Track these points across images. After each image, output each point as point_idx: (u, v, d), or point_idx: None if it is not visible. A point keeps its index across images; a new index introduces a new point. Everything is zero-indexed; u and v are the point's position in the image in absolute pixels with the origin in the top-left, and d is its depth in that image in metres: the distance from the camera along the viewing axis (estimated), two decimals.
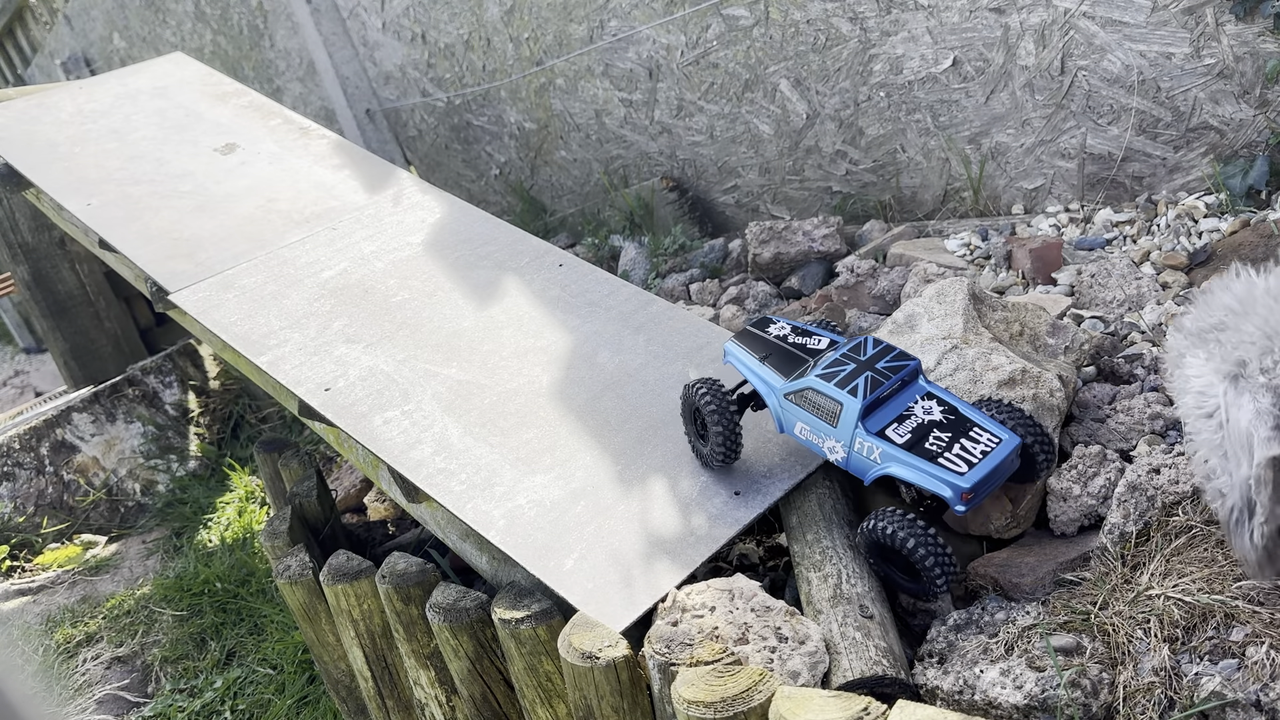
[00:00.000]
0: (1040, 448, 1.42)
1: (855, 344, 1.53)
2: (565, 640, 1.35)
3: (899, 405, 1.45)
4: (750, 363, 1.61)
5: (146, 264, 2.28)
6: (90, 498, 3.55)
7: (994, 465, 1.34)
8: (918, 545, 1.33)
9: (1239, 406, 1.08)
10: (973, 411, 1.43)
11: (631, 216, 3.49)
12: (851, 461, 1.46)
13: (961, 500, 1.33)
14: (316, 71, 4.55)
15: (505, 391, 1.89)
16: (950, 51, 2.52)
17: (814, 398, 1.48)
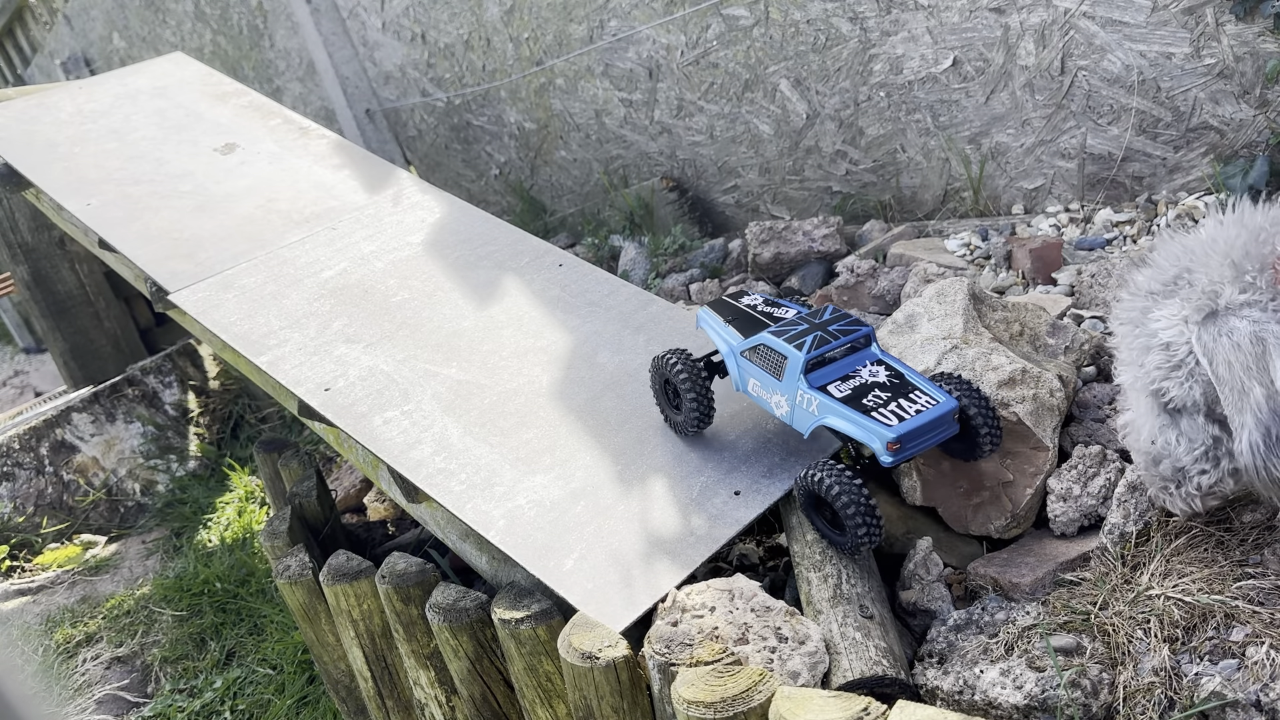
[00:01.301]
0: (984, 420, 1.46)
1: (815, 310, 1.61)
2: (565, 640, 1.35)
3: (846, 367, 1.52)
4: (717, 325, 1.69)
5: (146, 264, 2.28)
6: (90, 498, 3.55)
7: (924, 422, 1.39)
8: (842, 493, 1.39)
9: (1230, 332, 1.11)
10: (918, 378, 1.49)
11: (631, 216, 3.49)
12: (794, 415, 1.54)
13: (888, 450, 1.38)
14: (316, 71, 4.55)
15: (505, 391, 1.89)
16: (950, 51, 2.52)
17: (764, 352, 1.57)
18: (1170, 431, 1.23)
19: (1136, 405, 1.28)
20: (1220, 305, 1.15)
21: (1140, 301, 1.23)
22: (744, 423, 1.77)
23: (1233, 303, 1.14)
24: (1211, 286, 1.15)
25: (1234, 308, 1.13)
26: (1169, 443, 1.24)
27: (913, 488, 1.61)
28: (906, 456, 1.41)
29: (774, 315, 1.67)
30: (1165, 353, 1.19)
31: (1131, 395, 1.28)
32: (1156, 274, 1.22)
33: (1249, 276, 1.13)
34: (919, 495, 1.60)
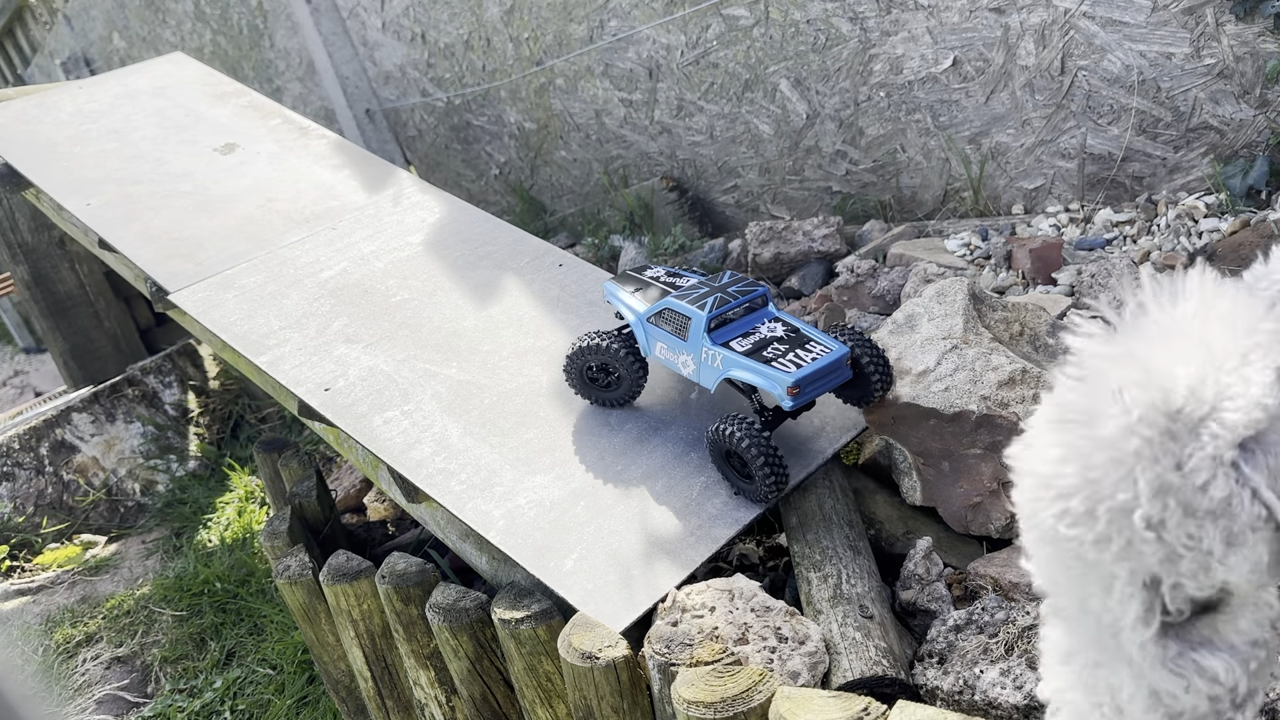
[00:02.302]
0: (875, 366, 1.59)
1: (714, 275, 1.73)
2: (565, 640, 1.35)
3: (746, 325, 1.64)
4: (623, 295, 1.79)
5: (146, 264, 2.28)
6: (90, 498, 3.55)
7: (820, 367, 1.52)
8: (752, 444, 1.50)
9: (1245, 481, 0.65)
10: (813, 331, 1.62)
11: (631, 216, 3.49)
12: (700, 372, 1.65)
13: (788, 394, 1.49)
14: (316, 71, 4.55)
15: (505, 391, 1.89)
16: (950, 51, 2.52)
17: (669, 316, 1.67)
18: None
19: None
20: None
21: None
22: None
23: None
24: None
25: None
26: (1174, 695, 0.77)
27: (913, 488, 1.61)
28: (806, 400, 1.54)
29: (675, 284, 1.77)
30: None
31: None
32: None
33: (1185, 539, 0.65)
34: (919, 495, 1.60)
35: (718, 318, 1.61)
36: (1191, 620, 0.72)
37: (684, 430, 1.76)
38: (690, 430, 1.76)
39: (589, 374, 1.79)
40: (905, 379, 1.63)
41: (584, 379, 1.80)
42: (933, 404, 1.56)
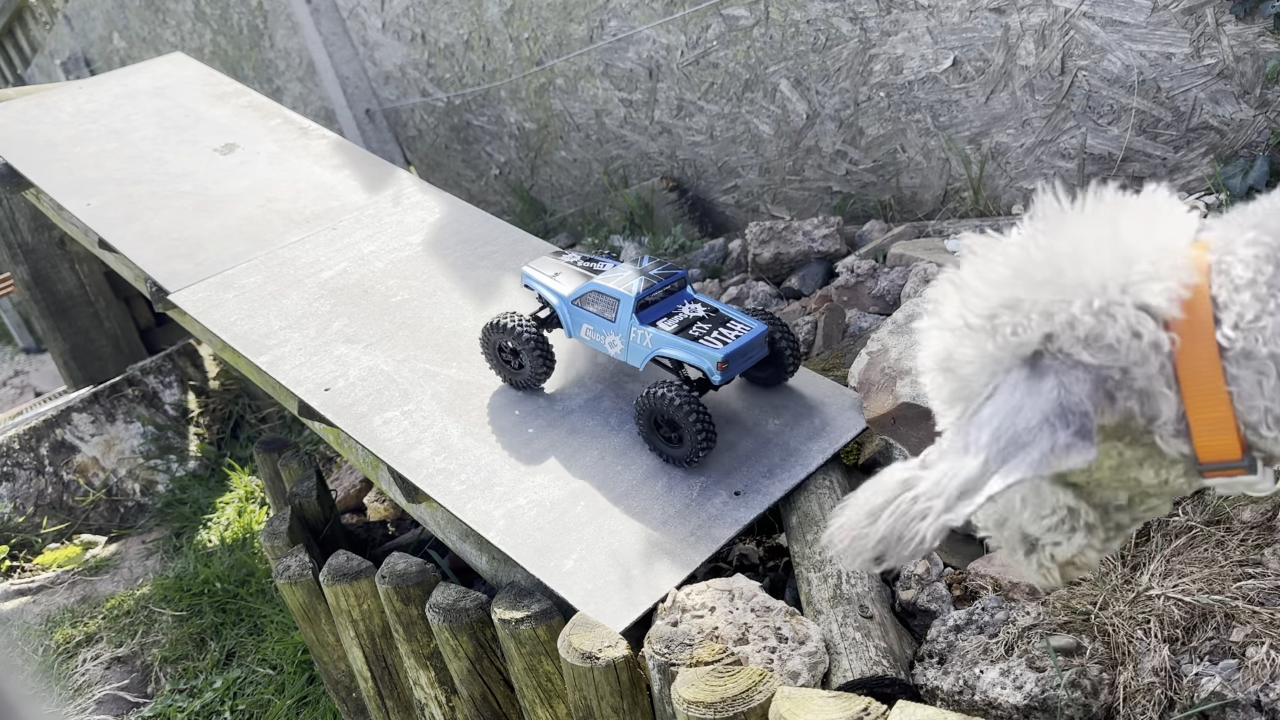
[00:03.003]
0: (787, 344, 1.75)
1: (632, 259, 1.76)
2: (565, 640, 1.35)
3: (669, 306, 1.72)
4: (544, 280, 1.85)
5: (146, 264, 2.27)
6: (90, 498, 3.55)
7: (743, 343, 1.63)
8: (683, 404, 1.59)
9: (1033, 396, 0.82)
10: (731, 311, 1.72)
11: (631, 216, 3.49)
12: (629, 351, 1.72)
13: (717, 369, 1.59)
14: (316, 71, 4.55)
15: (505, 392, 1.89)
16: (950, 51, 2.52)
17: (595, 298, 1.74)
18: (1013, 494, 0.97)
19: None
20: (1051, 349, 0.84)
21: (946, 339, 0.92)
22: (744, 423, 1.77)
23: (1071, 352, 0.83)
24: (1045, 326, 0.84)
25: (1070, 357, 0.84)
26: (1011, 505, 0.99)
27: None
28: (732, 375, 1.64)
29: (594, 268, 1.83)
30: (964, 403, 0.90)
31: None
32: (970, 301, 0.90)
33: (1119, 324, 0.81)
34: None
35: (643, 299, 1.69)
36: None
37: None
38: None
39: (502, 353, 1.86)
40: (905, 379, 1.63)
41: (497, 356, 1.87)
42: None
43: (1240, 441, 0.84)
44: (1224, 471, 0.86)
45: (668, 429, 1.65)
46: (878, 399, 1.66)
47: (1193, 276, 0.82)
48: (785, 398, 1.82)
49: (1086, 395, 0.81)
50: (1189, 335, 0.82)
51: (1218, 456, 0.84)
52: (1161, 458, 0.88)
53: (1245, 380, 0.82)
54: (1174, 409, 0.84)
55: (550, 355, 1.82)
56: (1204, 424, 0.84)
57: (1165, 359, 0.83)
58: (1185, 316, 0.83)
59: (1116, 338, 0.82)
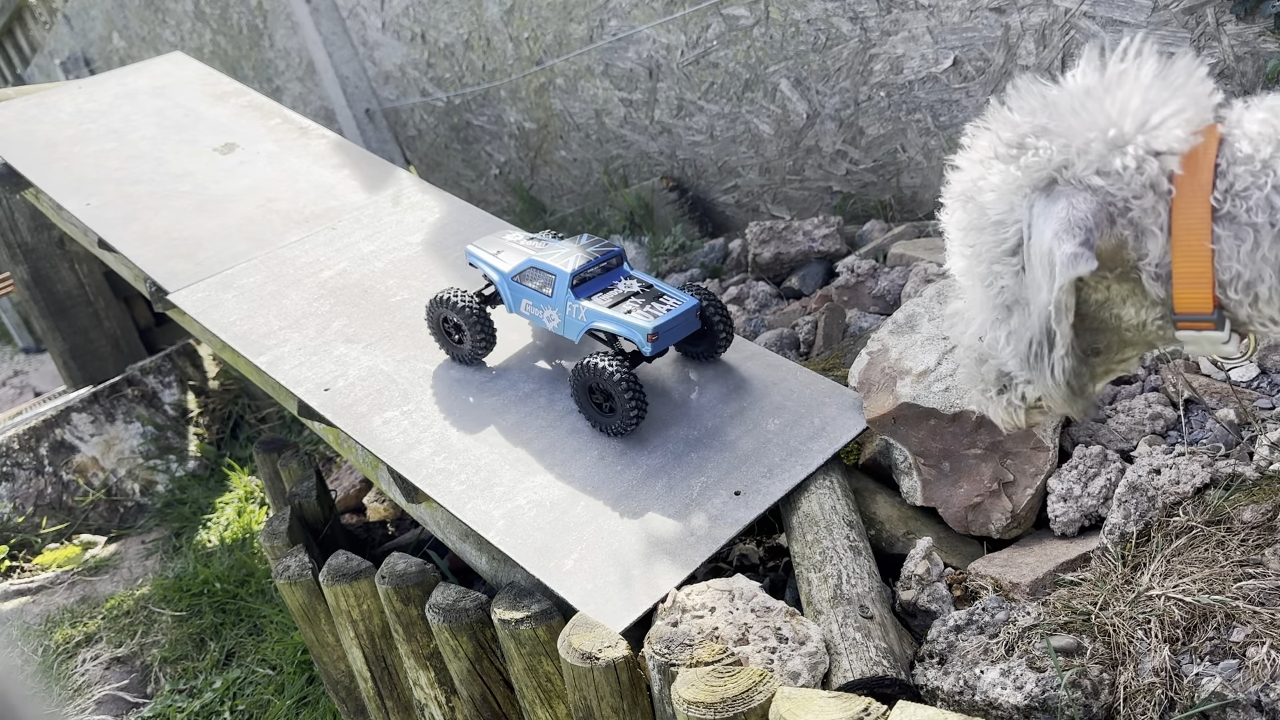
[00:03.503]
0: (719, 318, 1.82)
1: (571, 237, 1.88)
2: (565, 641, 1.35)
3: (604, 282, 1.79)
4: (486, 257, 1.90)
5: (146, 264, 2.27)
6: (89, 498, 3.55)
7: (674, 317, 1.70)
8: (614, 374, 1.65)
9: (1047, 217, 0.94)
10: (665, 287, 1.79)
11: (631, 216, 3.49)
12: (565, 325, 1.79)
13: (648, 341, 1.67)
14: (316, 71, 4.55)
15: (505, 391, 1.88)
16: (951, 51, 2.52)
17: (534, 275, 1.81)
18: (1001, 328, 1.07)
19: (969, 294, 1.12)
20: (1065, 176, 0.96)
21: (974, 170, 1.04)
22: (744, 423, 1.77)
23: (1082, 177, 0.96)
24: (1064, 154, 0.96)
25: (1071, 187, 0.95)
26: (997, 341, 1.07)
27: (913, 488, 1.61)
28: (663, 347, 1.72)
29: (535, 246, 1.89)
30: (996, 233, 1.01)
31: (964, 282, 1.12)
32: (1000, 132, 1.02)
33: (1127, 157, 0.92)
34: (919, 495, 1.60)
35: (579, 275, 1.76)
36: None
37: (684, 430, 1.76)
38: (690, 430, 1.76)
39: (445, 327, 1.92)
40: (905, 379, 1.63)
41: (441, 330, 1.93)
42: (933, 404, 1.56)
43: (1214, 298, 0.95)
44: (1195, 324, 0.98)
45: (601, 398, 1.71)
46: (878, 399, 1.66)
47: (1200, 140, 0.93)
48: (785, 397, 1.82)
49: (1090, 213, 0.93)
50: (1188, 191, 0.93)
51: (1192, 309, 0.96)
52: (1143, 298, 1.01)
53: (1225, 241, 0.93)
54: (1160, 251, 0.96)
55: (491, 331, 1.88)
56: (1185, 276, 0.95)
57: (1162, 201, 0.94)
58: (1187, 174, 0.93)
59: (1123, 166, 0.93)
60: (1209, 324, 0.97)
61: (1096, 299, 1.04)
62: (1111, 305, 1.04)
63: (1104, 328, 1.06)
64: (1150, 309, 1.01)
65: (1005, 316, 1.05)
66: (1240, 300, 0.94)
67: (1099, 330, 1.06)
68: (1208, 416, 1.52)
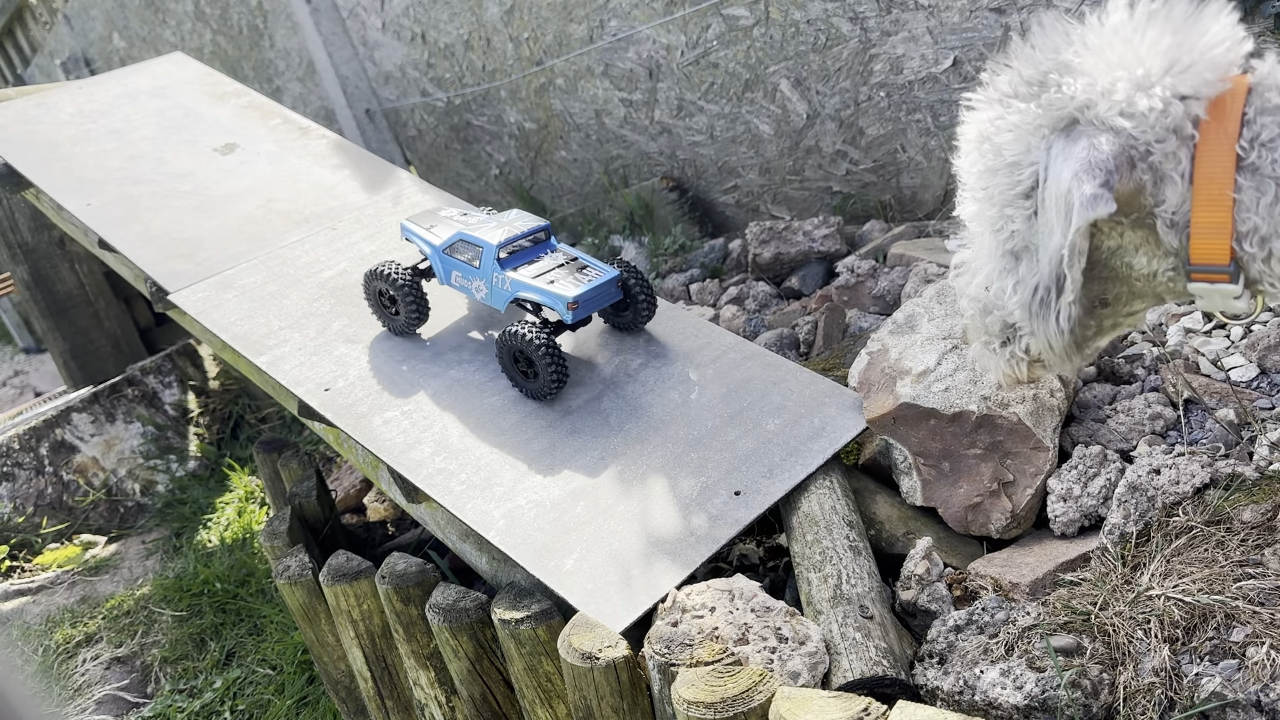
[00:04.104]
0: (641, 289, 1.91)
1: (502, 211, 1.97)
2: (565, 641, 1.35)
3: (531, 255, 1.88)
4: (420, 232, 1.99)
5: (146, 264, 2.27)
6: (90, 498, 3.55)
7: (594, 286, 1.79)
8: (535, 340, 1.73)
9: (1066, 158, 0.91)
10: (590, 260, 1.87)
11: (631, 216, 3.49)
12: (492, 295, 1.88)
13: (568, 309, 1.76)
14: (316, 71, 4.55)
15: (505, 391, 1.89)
16: (951, 51, 2.52)
17: (463, 247, 1.90)
18: (1008, 278, 1.04)
19: (977, 242, 1.08)
20: (1086, 116, 0.92)
21: (993, 109, 1.00)
22: (744, 423, 1.77)
23: (1106, 118, 0.91)
24: (1088, 93, 0.92)
25: (1092, 128, 0.92)
26: (1003, 291, 1.05)
27: (913, 488, 1.61)
28: (584, 315, 1.81)
29: (467, 221, 1.98)
30: (1010, 175, 0.98)
31: (973, 229, 1.08)
32: (1021, 70, 0.97)
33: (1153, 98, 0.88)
34: (919, 495, 1.60)
35: (506, 247, 1.85)
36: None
37: (684, 430, 1.76)
38: (690, 430, 1.76)
39: (381, 299, 2.00)
40: (905, 379, 1.63)
41: (377, 302, 2.01)
42: (933, 404, 1.56)
43: (1231, 250, 0.92)
44: (1209, 276, 0.95)
45: (525, 364, 1.80)
46: (878, 399, 1.66)
47: (1229, 87, 0.91)
48: (785, 397, 1.82)
49: (1113, 154, 0.90)
50: (1213, 138, 0.91)
51: (1208, 259, 0.94)
52: (1156, 246, 0.98)
53: (1246, 192, 0.90)
54: (1179, 198, 0.92)
55: (424, 303, 1.97)
56: (1205, 226, 0.92)
57: (1185, 147, 0.91)
58: (1213, 120, 0.91)
59: (1149, 108, 0.90)
60: (1224, 276, 0.94)
61: (1109, 245, 1.01)
62: (1123, 253, 1.01)
63: (1114, 277, 1.03)
64: (1163, 259, 0.98)
65: (1013, 265, 1.03)
66: (1254, 254, 0.91)
67: (1108, 280, 1.03)
68: (1208, 416, 1.52)
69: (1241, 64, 0.93)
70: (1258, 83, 0.92)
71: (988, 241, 1.05)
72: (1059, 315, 0.97)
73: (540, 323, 1.80)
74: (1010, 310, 1.04)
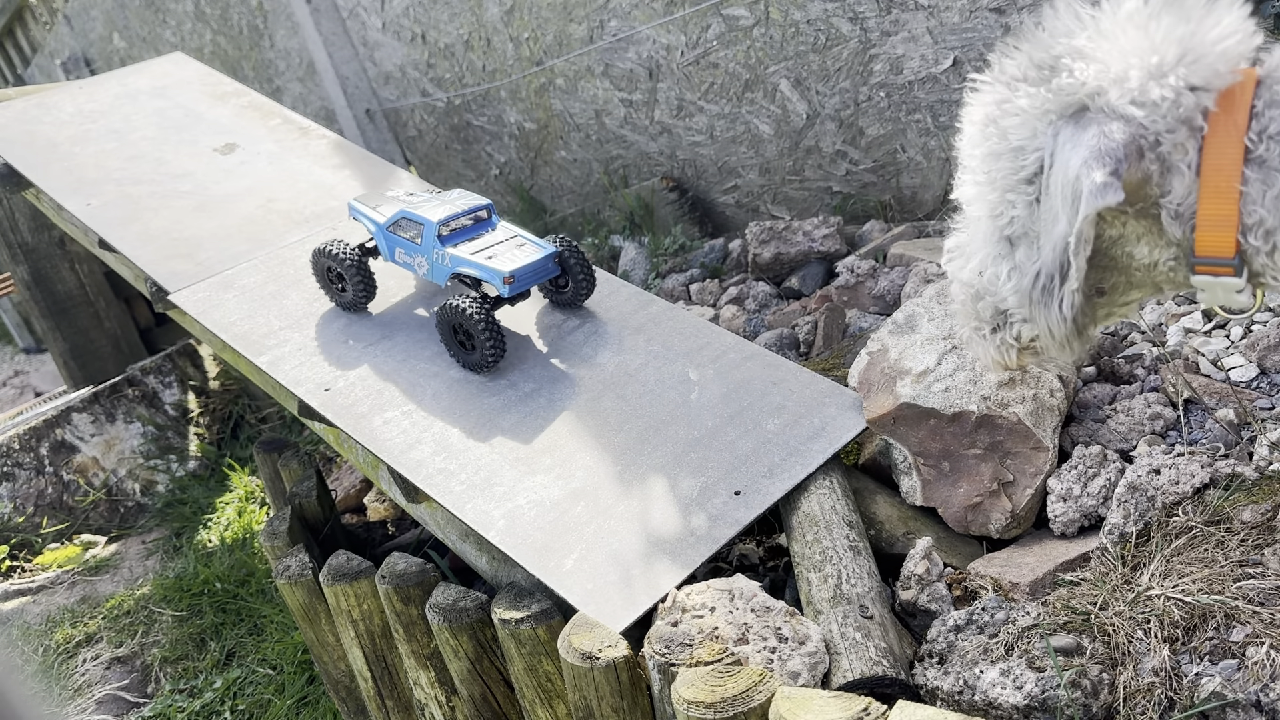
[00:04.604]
0: (579, 265, 1.99)
1: (444, 191, 2.04)
2: (565, 640, 1.35)
3: (473, 233, 1.95)
4: (365, 210, 2.06)
5: (146, 264, 2.27)
6: (90, 498, 3.55)
7: (530, 262, 1.85)
8: (473, 313, 1.80)
9: (1075, 145, 0.91)
10: (530, 237, 1.94)
11: (631, 216, 3.49)
12: (433, 270, 1.95)
13: (504, 283, 1.82)
14: (316, 71, 4.55)
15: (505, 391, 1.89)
16: (950, 51, 2.52)
17: (407, 225, 1.97)
18: (1003, 263, 1.03)
19: (973, 227, 1.08)
20: (1097, 104, 0.91)
21: (1000, 92, 0.99)
22: (744, 423, 1.77)
23: (1117, 106, 0.91)
24: (1099, 79, 0.91)
25: (1103, 115, 0.91)
26: (997, 277, 1.04)
27: (913, 488, 1.61)
28: (520, 289, 1.86)
29: (412, 200, 2.03)
30: (1014, 160, 0.97)
31: (970, 213, 1.07)
32: (1032, 53, 0.96)
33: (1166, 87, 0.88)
34: (919, 495, 1.60)
35: (447, 224, 1.91)
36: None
37: (684, 430, 1.76)
38: (690, 430, 1.76)
39: (329, 276, 2.07)
40: (905, 379, 1.63)
41: (325, 279, 2.08)
42: (933, 404, 1.56)
43: (1236, 243, 0.91)
44: (1214, 269, 0.94)
45: (464, 337, 1.86)
46: (878, 399, 1.66)
47: (1239, 79, 0.90)
48: (785, 397, 1.82)
49: (1123, 143, 0.89)
50: (1222, 130, 0.90)
51: (1213, 252, 0.93)
52: (1158, 237, 0.97)
53: (1253, 185, 0.89)
54: (1184, 190, 0.92)
55: (370, 280, 2.04)
56: (1210, 218, 0.91)
57: (1193, 139, 0.91)
58: (1222, 112, 0.90)
59: (1161, 97, 0.89)
60: (1228, 269, 0.93)
61: (1110, 235, 1.00)
62: (1124, 243, 1.00)
63: (1113, 266, 1.02)
64: (1164, 249, 0.98)
65: (1009, 251, 1.02)
66: (1258, 248, 0.91)
67: (1107, 269, 1.03)
68: (1207, 416, 1.52)
69: (1252, 56, 0.92)
70: (1266, 75, 0.91)
71: (985, 226, 1.04)
72: (1062, 303, 0.96)
73: (480, 297, 1.86)
74: (1003, 296, 1.04)
